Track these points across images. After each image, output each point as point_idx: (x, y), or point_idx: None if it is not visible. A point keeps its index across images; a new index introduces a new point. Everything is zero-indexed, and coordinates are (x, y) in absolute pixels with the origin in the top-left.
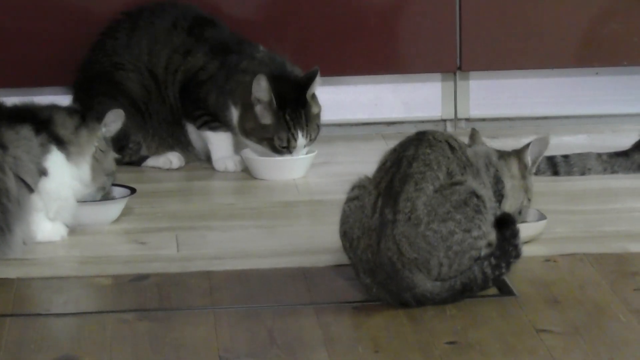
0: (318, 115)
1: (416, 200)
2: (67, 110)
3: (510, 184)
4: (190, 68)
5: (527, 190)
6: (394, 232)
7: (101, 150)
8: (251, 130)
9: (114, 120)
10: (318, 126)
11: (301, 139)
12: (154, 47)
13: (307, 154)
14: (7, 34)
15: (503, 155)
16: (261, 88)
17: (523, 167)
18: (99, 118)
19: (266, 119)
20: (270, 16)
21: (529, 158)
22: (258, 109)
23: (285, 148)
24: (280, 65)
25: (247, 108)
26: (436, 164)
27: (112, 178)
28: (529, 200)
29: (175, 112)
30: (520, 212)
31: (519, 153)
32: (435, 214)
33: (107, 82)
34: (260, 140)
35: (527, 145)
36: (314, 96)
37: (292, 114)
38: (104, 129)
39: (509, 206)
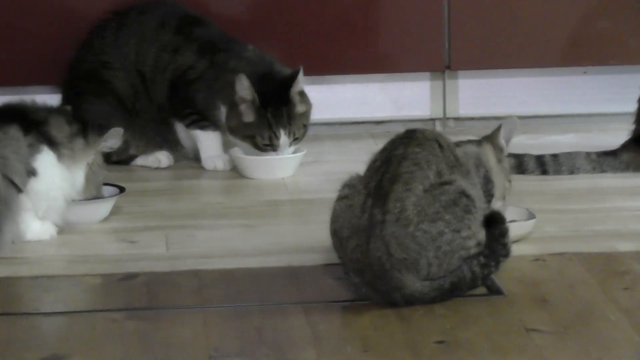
0: (305, 114)
1: (405, 201)
2: (68, 117)
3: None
4: (179, 67)
5: (505, 172)
6: (383, 233)
7: (97, 164)
8: (235, 128)
9: (114, 137)
10: (304, 125)
11: (284, 137)
12: (141, 46)
13: (295, 152)
14: None
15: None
16: (243, 87)
17: (499, 151)
18: (101, 133)
19: (249, 117)
20: (258, 15)
21: (502, 141)
22: (242, 107)
23: (269, 146)
24: (268, 65)
25: (232, 107)
26: (426, 163)
27: (100, 190)
28: (510, 182)
29: (164, 111)
30: (504, 197)
31: (491, 138)
32: (424, 214)
33: (95, 81)
34: (244, 138)
35: (498, 128)
36: (303, 95)
37: (274, 112)
38: (102, 144)
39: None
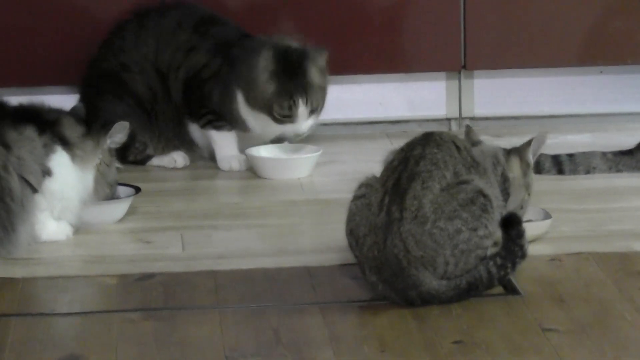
0: (323, 89)
1: (423, 199)
2: (75, 118)
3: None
4: (193, 65)
5: (527, 186)
6: (400, 230)
7: (105, 164)
8: (254, 101)
9: (119, 132)
10: (323, 98)
11: (302, 107)
12: (160, 46)
13: (311, 152)
14: (13, 33)
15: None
16: (265, 58)
17: (525, 165)
18: (105, 130)
19: (269, 87)
20: (275, 15)
21: (530, 156)
22: (263, 78)
23: (287, 117)
24: (287, 41)
25: (253, 80)
26: (443, 163)
27: (114, 188)
28: (529, 194)
29: (180, 110)
30: (522, 207)
31: (520, 151)
32: (441, 212)
33: (114, 81)
34: (263, 110)
35: (529, 143)
36: (323, 71)
37: (295, 81)
38: (109, 141)
39: (509, 203)
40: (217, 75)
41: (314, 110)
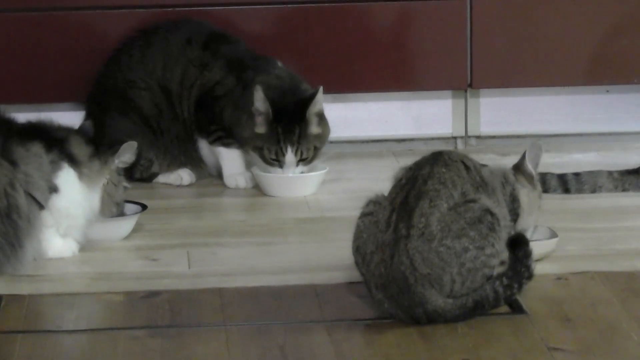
0: (319, 137)
1: (430, 216)
2: (84, 137)
3: (527, 198)
4: (206, 82)
5: (539, 197)
6: (407, 247)
7: (113, 184)
8: (247, 138)
9: (127, 152)
10: (316, 147)
11: (290, 154)
12: (168, 62)
13: (318, 170)
14: (19, 50)
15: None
16: (258, 98)
17: (529, 177)
18: (113, 150)
19: (261, 128)
20: (281, 32)
21: (529, 167)
22: (257, 118)
23: (275, 161)
24: (294, 82)
25: (249, 116)
26: (451, 183)
27: (121, 207)
28: (539, 207)
29: (188, 127)
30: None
31: (519, 166)
32: (449, 230)
33: (120, 98)
34: (254, 149)
35: (523, 155)
36: (322, 117)
37: (286, 127)
38: (117, 161)
39: (530, 217)
40: (230, 94)
41: (305, 159)
